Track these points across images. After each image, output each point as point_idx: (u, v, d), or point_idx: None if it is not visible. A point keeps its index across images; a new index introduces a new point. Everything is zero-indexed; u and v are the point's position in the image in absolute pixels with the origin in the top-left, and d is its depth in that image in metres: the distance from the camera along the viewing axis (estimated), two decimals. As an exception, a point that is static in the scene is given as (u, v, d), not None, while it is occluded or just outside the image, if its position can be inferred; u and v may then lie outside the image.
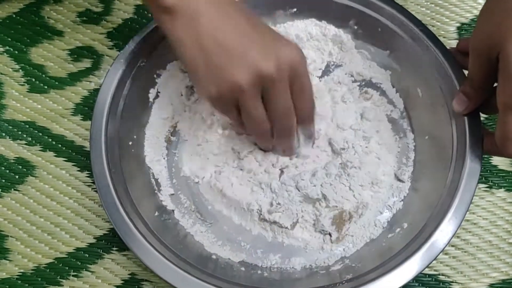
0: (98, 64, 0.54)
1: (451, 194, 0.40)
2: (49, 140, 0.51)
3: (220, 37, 0.37)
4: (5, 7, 0.57)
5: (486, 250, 0.48)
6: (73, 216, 0.49)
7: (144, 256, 0.39)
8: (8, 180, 0.50)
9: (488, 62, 0.37)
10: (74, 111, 0.53)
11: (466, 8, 0.57)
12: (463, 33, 0.56)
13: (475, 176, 0.40)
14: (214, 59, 0.37)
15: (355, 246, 0.45)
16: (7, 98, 0.53)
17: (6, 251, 0.48)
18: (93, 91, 0.53)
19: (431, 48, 0.45)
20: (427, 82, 0.46)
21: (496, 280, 0.47)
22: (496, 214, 0.49)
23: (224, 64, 0.37)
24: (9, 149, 0.51)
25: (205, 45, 0.37)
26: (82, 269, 0.47)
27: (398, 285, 0.38)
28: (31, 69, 0.54)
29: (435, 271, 0.47)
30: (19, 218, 0.49)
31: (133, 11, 0.57)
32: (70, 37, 0.56)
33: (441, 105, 0.44)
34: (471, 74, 0.41)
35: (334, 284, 0.39)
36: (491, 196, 0.50)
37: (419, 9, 0.57)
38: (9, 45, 0.55)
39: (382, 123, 0.49)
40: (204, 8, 0.37)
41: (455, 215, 0.39)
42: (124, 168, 0.43)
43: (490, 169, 0.51)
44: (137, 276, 0.47)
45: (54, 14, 0.57)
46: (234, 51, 0.37)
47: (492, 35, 0.36)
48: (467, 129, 0.42)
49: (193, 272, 0.39)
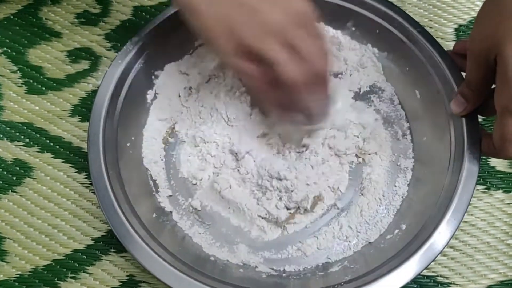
0: (96, 65, 0.54)
1: (449, 196, 0.40)
2: (47, 142, 0.51)
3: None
4: (3, 8, 0.57)
5: (484, 252, 0.48)
6: (70, 218, 0.49)
7: (142, 257, 0.39)
8: (5, 182, 0.50)
9: (486, 65, 0.37)
10: (72, 113, 0.52)
11: (464, 10, 0.57)
12: (460, 34, 0.56)
13: (473, 177, 0.40)
14: (231, 13, 0.37)
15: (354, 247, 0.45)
16: (4, 99, 0.53)
17: (3, 253, 0.47)
18: (91, 92, 0.53)
19: (429, 50, 0.46)
20: (425, 83, 0.46)
21: (495, 281, 0.47)
22: (494, 215, 0.49)
23: (241, 16, 0.37)
24: (7, 151, 0.51)
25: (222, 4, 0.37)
26: (79, 271, 0.47)
27: (396, 287, 0.38)
28: (29, 71, 0.54)
29: (434, 273, 0.47)
30: (16, 219, 0.49)
31: (131, 13, 0.57)
32: (68, 39, 0.56)
33: (439, 107, 0.45)
34: (469, 76, 0.41)
35: (333, 285, 0.39)
36: (489, 198, 0.50)
37: (417, 11, 0.57)
38: (7, 46, 0.55)
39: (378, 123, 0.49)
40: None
41: (453, 217, 0.39)
42: (122, 170, 0.43)
43: (488, 171, 0.51)
44: (135, 278, 0.47)
45: (52, 15, 0.57)
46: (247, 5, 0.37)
47: (489, 38, 0.36)
48: (465, 130, 0.42)
49: (191, 274, 0.39)
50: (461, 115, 0.42)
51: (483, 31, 0.37)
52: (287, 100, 0.41)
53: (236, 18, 0.37)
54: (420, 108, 0.48)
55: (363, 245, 0.45)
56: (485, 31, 0.37)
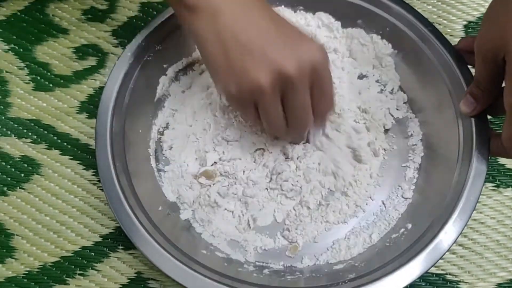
0: (103, 62, 0.54)
1: (457, 196, 0.40)
2: (54, 138, 0.51)
3: (240, 34, 0.37)
4: (10, 5, 0.57)
5: (493, 250, 0.48)
6: (78, 215, 0.49)
7: (151, 254, 0.39)
8: (13, 179, 0.50)
9: (495, 65, 0.37)
10: (79, 109, 0.52)
11: (473, 6, 0.57)
12: (470, 31, 0.56)
13: (481, 177, 0.40)
14: (235, 57, 0.37)
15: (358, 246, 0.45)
16: (12, 96, 0.53)
17: (12, 250, 0.48)
18: (98, 89, 0.53)
19: (440, 49, 0.45)
20: (435, 82, 0.46)
21: (504, 279, 0.47)
22: (504, 213, 0.49)
23: (244, 63, 0.36)
24: (15, 147, 0.51)
25: (225, 42, 0.37)
26: (88, 268, 0.47)
27: (401, 286, 0.38)
28: (36, 67, 0.54)
29: (443, 271, 0.47)
30: (24, 216, 0.49)
31: (138, 9, 0.57)
32: (75, 35, 0.56)
33: (448, 106, 0.44)
34: (478, 76, 0.40)
35: (337, 283, 0.39)
36: (498, 195, 0.49)
37: (426, 7, 0.57)
38: (14, 43, 0.55)
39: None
40: (225, 6, 0.37)
41: (460, 217, 0.39)
42: (129, 164, 0.43)
43: (497, 168, 0.50)
44: (143, 275, 0.47)
45: (59, 12, 0.57)
46: (254, 49, 0.36)
47: (498, 38, 0.36)
48: (473, 130, 0.42)
49: (200, 270, 0.39)
50: (471, 116, 0.42)
51: (491, 30, 0.37)
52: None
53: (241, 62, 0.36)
54: (428, 107, 0.48)
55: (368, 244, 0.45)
56: (493, 31, 0.37)
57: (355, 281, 0.39)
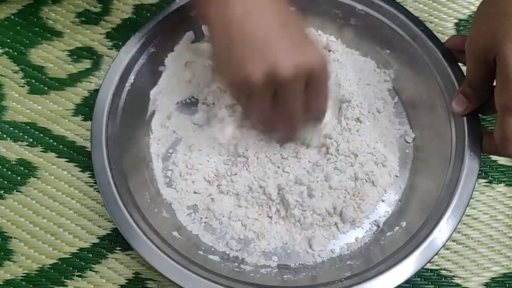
0: (98, 64, 0.54)
1: (450, 193, 0.40)
2: (50, 141, 0.52)
3: (247, 26, 0.37)
4: (4, 8, 0.57)
5: (487, 245, 0.48)
6: (76, 217, 0.49)
7: (148, 255, 0.39)
8: (10, 182, 0.50)
9: (486, 64, 0.37)
10: (74, 112, 0.53)
11: (464, 4, 0.57)
12: (461, 29, 0.56)
13: (473, 175, 0.40)
14: (236, 47, 0.37)
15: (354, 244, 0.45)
16: (7, 99, 0.53)
17: (10, 253, 0.48)
18: (93, 91, 0.53)
19: (431, 48, 0.46)
20: (427, 81, 0.46)
21: (498, 274, 0.47)
22: (497, 208, 0.49)
23: (243, 54, 0.37)
24: (11, 151, 0.51)
25: (231, 32, 0.37)
26: (86, 269, 0.47)
27: (396, 283, 0.38)
28: (31, 71, 0.54)
29: (437, 266, 0.47)
30: (22, 219, 0.49)
31: (132, 11, 0.57)
32: (70, 38, 0.56)
33: (440, 105, 0.45)
34: (469, 76, 0.41)
35: (333, 281, 0.40)
36: (491, 191, 0.50)
37: (417, 6, 0.57)
38: (9, 46, 0.55)
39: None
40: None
41: (453, 214, 0.40)
42: (125, 166, 0.43)
43: (490, 164, 0.51)
44: (141, 276, 0.47)
45: (53, 15, 0.57)
46: (256, 43, 0.37)
47: (488, 38, 0.36)
48: (466, 128, 0.42)
49: (196, 271, 0.39)
50: (463, 115, 0.42)
51: (482, 31, 0.37)
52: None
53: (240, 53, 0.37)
54: (421, 105, 0.48)
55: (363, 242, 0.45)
56: (484, 31, 0.37)
57: (350, 279, 0.39)
